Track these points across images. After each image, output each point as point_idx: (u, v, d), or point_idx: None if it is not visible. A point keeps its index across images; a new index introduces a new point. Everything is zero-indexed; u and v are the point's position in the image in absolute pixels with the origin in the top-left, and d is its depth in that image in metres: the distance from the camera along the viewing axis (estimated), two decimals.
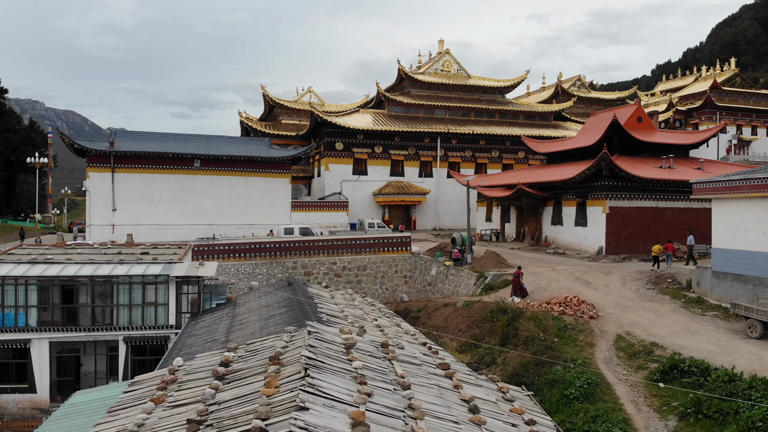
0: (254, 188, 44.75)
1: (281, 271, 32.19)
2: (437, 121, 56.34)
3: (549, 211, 38.74)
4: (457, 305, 25.42)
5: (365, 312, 20.83)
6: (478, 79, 62.45)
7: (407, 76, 58.46)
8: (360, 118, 53.97)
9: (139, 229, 42.74)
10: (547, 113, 61.94)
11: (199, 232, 43.26)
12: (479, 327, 22.82)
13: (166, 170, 43.21)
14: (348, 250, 33.34)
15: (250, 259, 32.19)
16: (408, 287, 33.05)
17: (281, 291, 22.56)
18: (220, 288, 25.35)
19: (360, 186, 52.30)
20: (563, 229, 37.26)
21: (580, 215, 35.85)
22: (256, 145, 46.11)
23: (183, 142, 44.98)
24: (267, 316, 18.60)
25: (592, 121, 42.58)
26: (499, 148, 56.45)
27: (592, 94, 72.01)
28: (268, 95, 58.11)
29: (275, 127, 57.39)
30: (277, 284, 24.73)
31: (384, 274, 33.14)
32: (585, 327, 21.89)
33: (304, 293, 20.90)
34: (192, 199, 43.56)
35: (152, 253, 26.13)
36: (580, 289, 26.22)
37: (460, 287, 29.84)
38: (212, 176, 43.97)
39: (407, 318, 26.71)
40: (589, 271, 29.40)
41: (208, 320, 21.75)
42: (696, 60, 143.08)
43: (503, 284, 27.97)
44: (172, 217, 43.14)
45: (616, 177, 33.53)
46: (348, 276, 32.59)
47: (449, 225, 54.68)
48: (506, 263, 31.18)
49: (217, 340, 17.21)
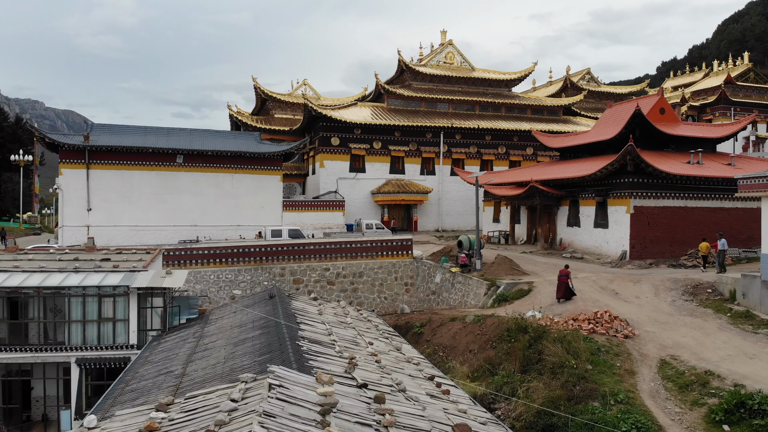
0: (242, 186, 41.30)
1: (267, 278, 28.72)
2: (440, 115, 52.84)
3: (564, 211, 35.24)
4: (467, 320, 21.94)
5: (359, 332, 17.36)
6: (482, 72, 58.96)
7: (408, 68, 54.97)
8: (357, 112, 50.47)
9: (116, 231, 39.34)
10: (556, 107, 58.45)
11: (182, 234, 39.81)
12: (494, 348, 19.33)
13: (146, 166, 39.80)
14: (342, 254, 29.87)
15: (232, 265, 28.72)
16: (409, 296, 29.56)
17: (260, 306, 19.10)
18: (191, 300, 21.88)
19: (357, 184, 48.82)
20: (581, 231, 33.76)
21: (600, 216, 32.35)
22: (245, 140, 42.65)
23: (165, 136, 41.54)
24: (236, 341, 15.14)
25: (610, 114, 39.08)
26: (505, 144, 52.94)
27: (602, 88, 68.54)
28: (260, 88, 54.57)
29: (267, 122, 53.88)
30: (258, 296, 21.27)
31: (383, 282, 29.66)
32: (621, 349, 18.41)
33: (285, 310, 17.43)
34: (174, 198, 40.12)
35: (114, 260, 22.65)
36: (608, 301, 22.73)
37: (468, 297, 26.36)
38: (196, 173, 40.52)
39: (408, 334, 23.24)
40: (615, 280, 25.90)
41: (171, 341, 18.28)
42: (702, 57, 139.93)
43: (518, 295, 24.48)
44: (152, 217, 39.70)
45: (642, 173, 30.05)
46: (342, 284, 29.12)
47: (453, 226, 51.18)
48: (520, 270, 27.70)
49: (171, 373, 13.73)
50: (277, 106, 55.68)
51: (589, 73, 69.57)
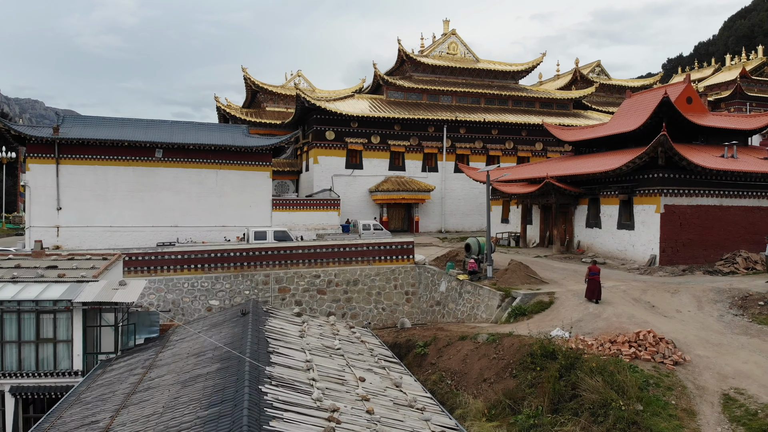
0: (228, 183, 37.83)
1: (249, 286, 25.25)
2: (443, 108, 49.35)
3: (582, 211, 31.77)
4: (479, 339, 18.47)
5: (348, 361, 13.88)
6: (487, 63, 55.45)
7: (409, 58, 51.48)
8: (354, 104, 46.98)
9: (88, 232, 35.88)
10: (565, 100, 54.96)
11: (162, 236, 36.36)
12: (515, 377, 15.86)
13: (122, 161, 36.32)
14: (335, 259, 26.40)
15: (209, 272, 25.26)
16: (410, 307, 26.06)
17: (228, 326, 15.63)
18: (151, 316, 18.40)
19: (354, 182, 45.34)
20: (602, 233, 30.28)
21: (624, 216, 28.88)
22: (231, 133, 39.17)
23: (143, 128, 38.06)
24: (187, 378, 11.67)
25: (630, 104, 35.61)
26: (513, 139, 49.42)
27: (613, 81, 65.08)
28: (250, 79, 51.04)
29: (258, 115, 50.38)
30: (230, 313, 17.79)
31: (380, 291, 26.17)
32: (673, 381, 14.93)
33: (257, 333, 13.96)
34: (153, 197, 36.65)
35: (62, 268, 19.16)
36: (645, 317, 19.26)
37: (478, 310, 22.89)
38: (177, 169, 37.04)
39: (410, 354, 19.78)
40: (649, 289, 22.42)
41: (117, 371, 14.80)
42: (709, 54, 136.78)
43: (538, 308, 20.99)
44: (128, 217, 36.23)
45: (674, 168, 26.59)
46: (334, 293, 25.64)
47: (457, 227, 47.72)
48: (537, 278, 24.22)
49: (95, 426, 10.27)
50: (269, 98, 52.17)
51: (599, 65, 66.13)
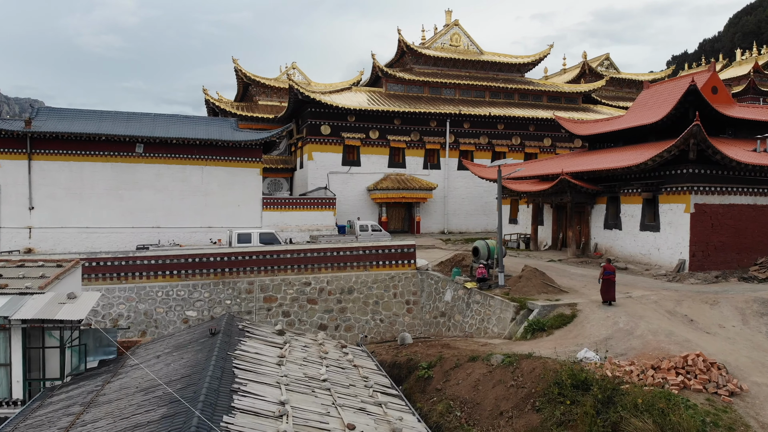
0: (214, 181, 35.13)
1: (231, 295, 22.55)
2: (445, 101, 46.63)
3: (600, 211, 29.06)
4: (493, 361, 15.76)
5: (336, 397, 11.17)
6: (492, 56, 52.70)
7: (410, 50, 48.76)
8: (352, 97, 44.27)
9: (63, 234, 33.20)
10: (575, 94, 52.22)
11: (142, 237, 33.68)
12: (539, 411, 13.14)
13: (100, 157, 33.65)
14: (328, 264, 23.69)
15: (185, 279, 22.55)
16: (412, 318, 23.33)
17: (191, 351, 12.93)
18: (107, 335, 15.66)
19: (351, 179, 42.63)
20: (622, 235, 27.57)
21: (648, 216, 26.18)
22: (218, 127, 36.45)
23: (124, 121, 35.36)
24: (125, 428, 8.95)
25: (650, 95, 32.89)
26: (520, 134, 46.70)
27: (623, 75, 62.35)
28: (242, 70, 48.27)
29: (250, 109, 47.64)
30: (197, 332, 15.07)
31: (378, 300, 23.45)
32: (733, 419, 12.21)
33: (222, 361, 11.27)
34: (133, 195, 33.97)
35: (7, 277, 16.46)
36: (686, 334, 16.56)
37: (489, 323, 20.18)
38: (159, 165, 34.35)
39: (411, 378, 17.07)
40: (683, 300, 19.71)
41: (53, 407, 12.10)
42: (715, 50, 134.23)
43: (559, 322, 18.27)
44: (106, 217, 33.55)
45: (706, 162, 23.89)
46: (327, 303, 22.92)
47: (460, 227, 45.02)
48: (555, 286, 21.50)
49: None
50: (262, 91, 49.42)
51: (608, 58, 63.42)
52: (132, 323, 22.03)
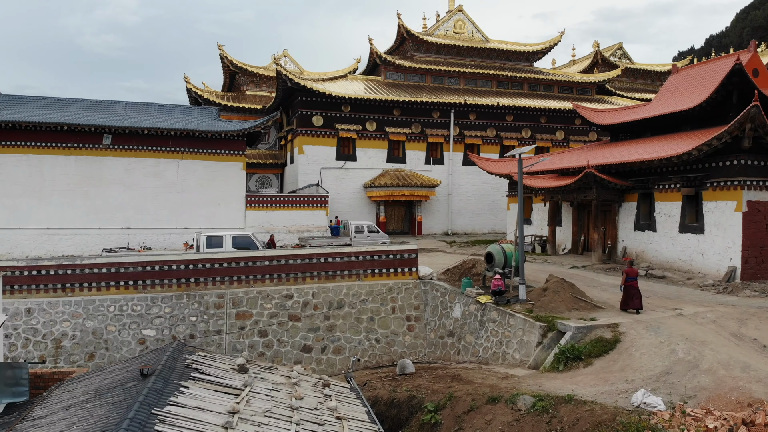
0: (192, 176, 31.45)
1: (197, 311, 18.87)
2: (449, 91, 42.94)
3: (629, 209, 25.38)
4: (520, 404, 12.09)
5: None
6: (499, 43, 48.95)
7: (410, 36, 45.04)
8: (347, 86, 40.58)
9: (21, 236, 29.53)
10: (588, 84, 48.51)
11: (110, 240, 30.01)
12: None
13: (63, 149, 29.98)
14: (314, 273, 20.01)
15: (143, 291, 18.88)
16: (413, 338, 19.61)
17: (105, 404, 9.26)
18: (15, 372, 11.98)
19: (346, 175, 38.96)
20: (657, 238, 23.87)
21: (689, 215, 22.49)
22: (197, 116, 32.76)
23: (91, 109, 31.66)
24: None
25: (681, 80, 29.17)
26: (531, 127, 43.00)
27: (637, 65, 58.56)
28: (227, 57, 44.52)
29: (237, 99, 43.94)
30: (129, 371, 11.38)
31: (373, 315, 19.75)
32: None
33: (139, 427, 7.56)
34: (100, 192, 30.30)
35: None
36: (766, 367, 12.89)
37: (509, 347, 16.49)
38: (130, 158, 30.67)
39: (413, 422, 13.40)
40: (748, 319, 16.04)
41: None
42: (722, 45, 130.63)
43: (599, 349, 14.57)
44: (70, 217, 29.87)
45: (761, 152, 20.22)
46: (312, 319, 19.23)
47: (465, 228, 41.35)
48: (587, 300, 17.80)
49: None
50: (250, 80, 45.70)
51: (621, 48, 59.63)
52: (78, 344, 18.38)
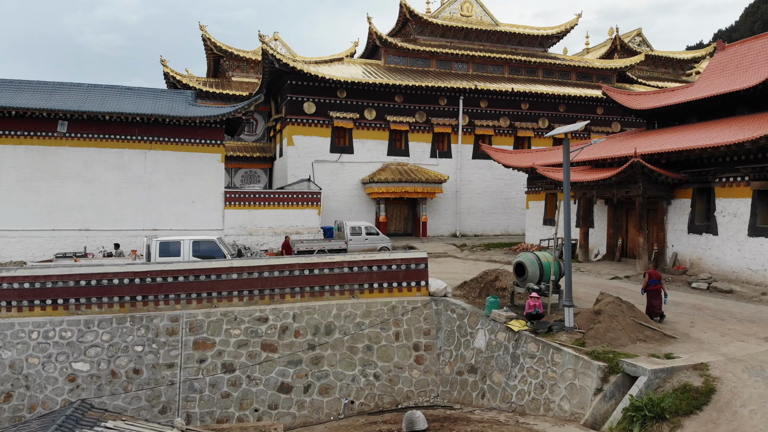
0: (161, 169, 27.22)
1: (143, 339, 14.62)
2: (456, 77, 38.71)
3: (681, 208, 21.12)
4: None
5: None
6: (510, 27, 44.64)
7: (414, 17, 40.79)
8: (343, 69, 36.34)
9: None
10: (608, 71, 44.26)
11: (66, 243, 25.78)
12: None
13: (10, 138, 25.75)
14: (296, 288, 15.74)
15: (75, 312, 14.65)
16: (423, 373, 15.33)
17: None
18: None
19: (342, 170, 34.73)
20: (718, 243, 19.62)
21: (762, 215, 18.26)
22: (169, 100, 28.51)
23: (47, 93, 27.42)
24: None
25: (728, 58, 24.98)
26: (548, 116, 38.76)
27: (657, 52, 54.26)
28: (210, 39, 40.23)
29: (221, 86, 39.67)
30: None
31: (372, 344, 15.47)
32: None
33: None
34: (54, 187, 26.07)
35: None
36: None
37: (554, 393, 12.23)
38: (89, 149, 26.43)
39: None
40: None
41: None
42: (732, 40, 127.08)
43: (688, 403, 10.31)
44: (18, 216, 25.62)
45: None
46: (292, 349, 14.96)
47: (475, 229, 37.12)
48: (654, 328, 13.53)
49: None
50: (236, 65, 41.46)
51: (640, 34, 55.31)
52: None
